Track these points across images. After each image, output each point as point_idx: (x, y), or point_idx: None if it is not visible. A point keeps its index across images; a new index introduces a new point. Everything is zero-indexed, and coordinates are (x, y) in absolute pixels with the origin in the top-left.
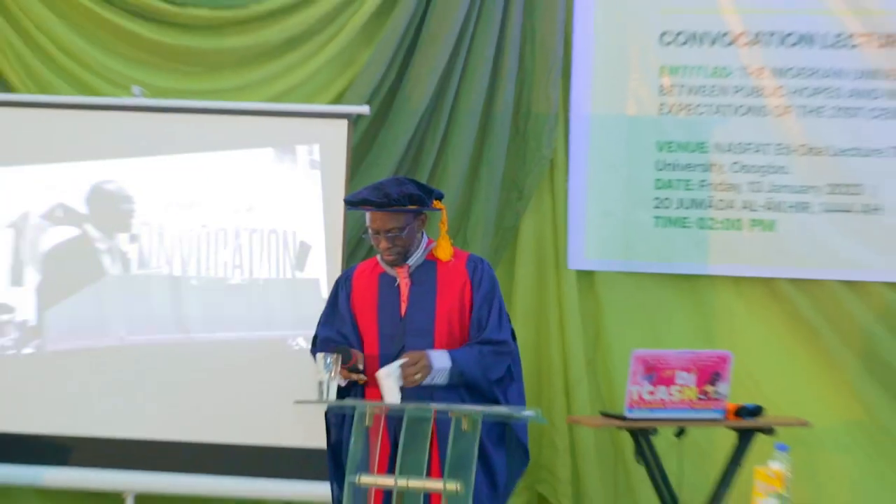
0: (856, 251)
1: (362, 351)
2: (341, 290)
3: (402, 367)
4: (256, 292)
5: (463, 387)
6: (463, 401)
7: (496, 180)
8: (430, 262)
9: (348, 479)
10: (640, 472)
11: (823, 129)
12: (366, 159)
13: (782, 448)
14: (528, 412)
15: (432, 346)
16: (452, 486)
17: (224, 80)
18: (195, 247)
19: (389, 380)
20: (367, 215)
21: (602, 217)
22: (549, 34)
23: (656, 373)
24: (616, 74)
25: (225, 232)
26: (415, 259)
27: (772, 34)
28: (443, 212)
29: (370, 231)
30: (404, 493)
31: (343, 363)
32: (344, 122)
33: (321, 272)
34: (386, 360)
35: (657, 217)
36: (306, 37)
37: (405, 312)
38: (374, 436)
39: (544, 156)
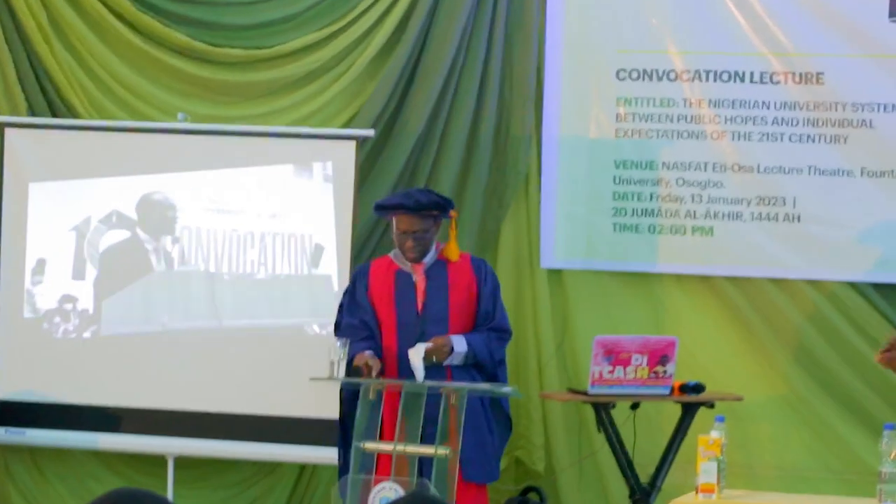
0: (781, 254)
1: (380, 336)
2: (359, 282)
3: (431, 348)
4: (278, 286)
5: (473, 366)
6: (474, 379)
7: (480, 191)
8: (441, 261)
9: (354, 444)
10: (600, 440)
11: (752, 150)
12: (370, 175)
13: (720, 419)
14: (507, 388)
15: (447, 333)
16: (443, 451)
17: (254, 108)
18: (227, 247)
19: (417, 358)
20: (396, 219)
21: (568, 223)
22: (524, 69)
23: (614, 355)
24: (580, 104)
25: (252, 235)
26: (429, 258)
27: (709, 72)
28: (453, 219)
29: (397, 232)
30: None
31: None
32: (353, 144)
33: (333, 269)
34: (404, 346)
35: (615, 223)
36: (322, 72)
37: (423, 304)
38: (380, 408)
39: (520, 171)
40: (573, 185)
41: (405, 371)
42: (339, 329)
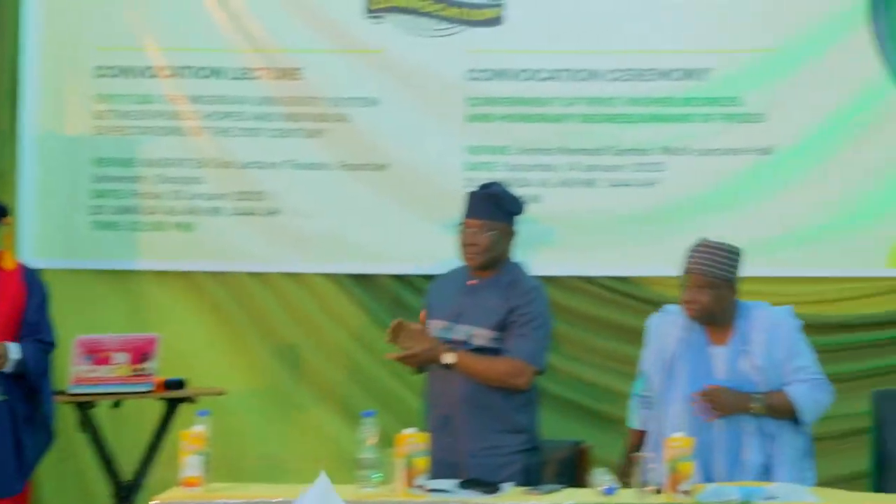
0: (260, 248)
1: None
2: None
3: None
4: None
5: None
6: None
7: None
8: None
9: None
10: (82, 440)
11: (232, 146)
12: None
13: (203, 413)
14: None
15: None
16: None
17: None
18: None
19: None
20: None
21: (48, 221)
22: (1, 66)
23: (96, 354)
24: (57, 100)
25: None
26: None
27: (188, 68)
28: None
29: None
30: None
31: None
32: None
33: None
34: None
35: (94, 221)
36: None
37: None
38: None
39: None
40: (51, 183)
41: None
42: None
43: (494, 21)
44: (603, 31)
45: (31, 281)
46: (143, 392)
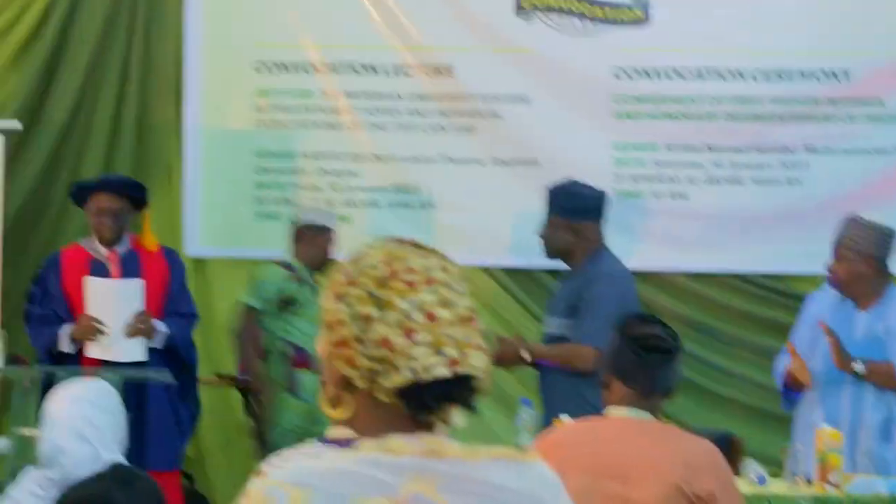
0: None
1: None
2: (51, 272)
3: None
4: None
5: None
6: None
7: None
8: (134, 252)
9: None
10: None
11: (387, 140)
12: (16, 166)
13: None
14: (162, 374)
15: None
16: None
17: None
18: None
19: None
20: (92, 200)
21: (212, 212)
22: (165, 62)
23: None
24: (220, 95)
25: None
26: (123, 248)
27: (344, 64)
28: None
29: (93, 213)
30: None
31: None
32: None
33: None
34: None
35: (257, 212)
36: None
37: None
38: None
39: (163, 162)
40: (215, 175)
41: None
42: (29, 320)
43: (641, 21)
44: (748, 31)
45: (172, 260)
46: None
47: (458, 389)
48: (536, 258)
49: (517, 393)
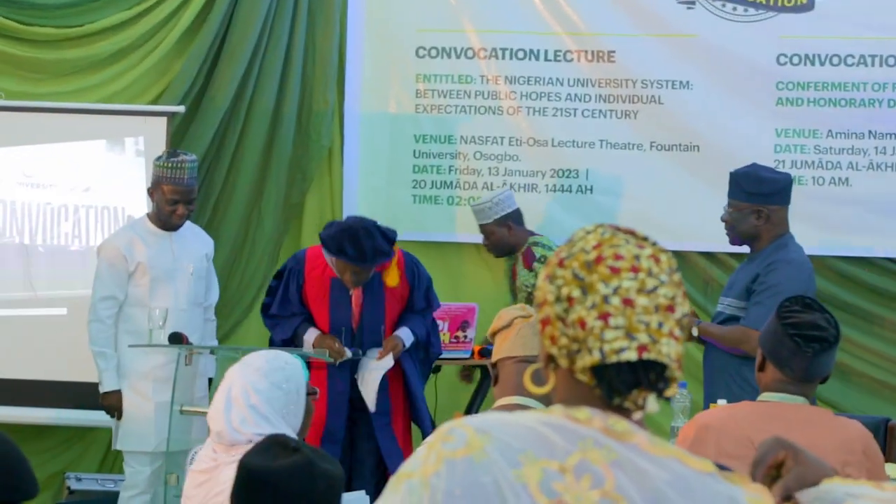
0: (574, 223)
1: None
2: (293, 276)
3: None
4: (92, 257)
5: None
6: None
7: (284, 165)
8: (377, 273)
9: None
10: None
11: (546, 125)
12: (180, 149)
13: None
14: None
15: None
16: None
17: (65, 84)
18: (41, 220)
19: (372, 392)
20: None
21: (370, 195)
22: (326, 48)
23: None
24: (380, 80)
25: (66, 208)
26: None
27: (505, 49)
28: (396, 252)
29: (340, 267)
30: None
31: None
32: (164, 119)
33: None
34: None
35: (415, 195)
36: (131, 49)
37: (359, 316)
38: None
39: (323, 145)
40: (374, 159)
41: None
42: (267, 311)
43: (805, 7)
44: None
45: (413, 275)
46: (463, 358)
47: (646, 375)
48: (694, 242)
49: None
